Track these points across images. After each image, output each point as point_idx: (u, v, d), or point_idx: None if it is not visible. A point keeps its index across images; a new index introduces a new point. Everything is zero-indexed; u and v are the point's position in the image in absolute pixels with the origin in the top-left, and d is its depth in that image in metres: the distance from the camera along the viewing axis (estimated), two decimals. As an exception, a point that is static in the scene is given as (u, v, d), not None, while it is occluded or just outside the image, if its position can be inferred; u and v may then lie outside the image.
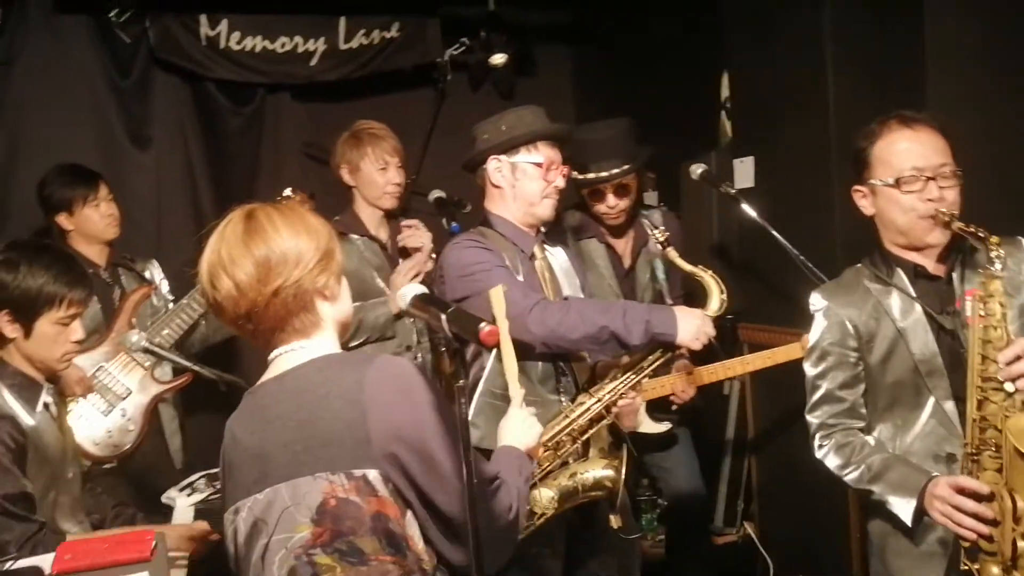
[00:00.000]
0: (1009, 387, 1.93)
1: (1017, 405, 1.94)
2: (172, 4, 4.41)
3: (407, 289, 1.81)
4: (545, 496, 2.57)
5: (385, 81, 4.87)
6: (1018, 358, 1.91)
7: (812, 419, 2.31)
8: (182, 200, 4.63)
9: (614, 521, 2.61)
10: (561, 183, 2.77)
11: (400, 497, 1.68)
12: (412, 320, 3.42)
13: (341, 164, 3.55)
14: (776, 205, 3.36)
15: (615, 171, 3.33)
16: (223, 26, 4.49)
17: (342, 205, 3.62)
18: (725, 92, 4.20)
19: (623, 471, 2.60)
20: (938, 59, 3.43)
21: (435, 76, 4.94)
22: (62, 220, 3.48)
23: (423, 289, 1.82)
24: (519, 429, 1.99)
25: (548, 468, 2.60)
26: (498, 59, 4.93)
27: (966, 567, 2.01)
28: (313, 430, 1.68)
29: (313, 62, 4.70)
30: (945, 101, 3.27)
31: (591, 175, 3.34)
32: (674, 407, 3.41)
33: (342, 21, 4.71)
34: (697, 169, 3.42)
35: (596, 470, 2.62)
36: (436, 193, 3.64)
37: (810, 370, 2.31)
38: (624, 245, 3.50)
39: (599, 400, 2.60)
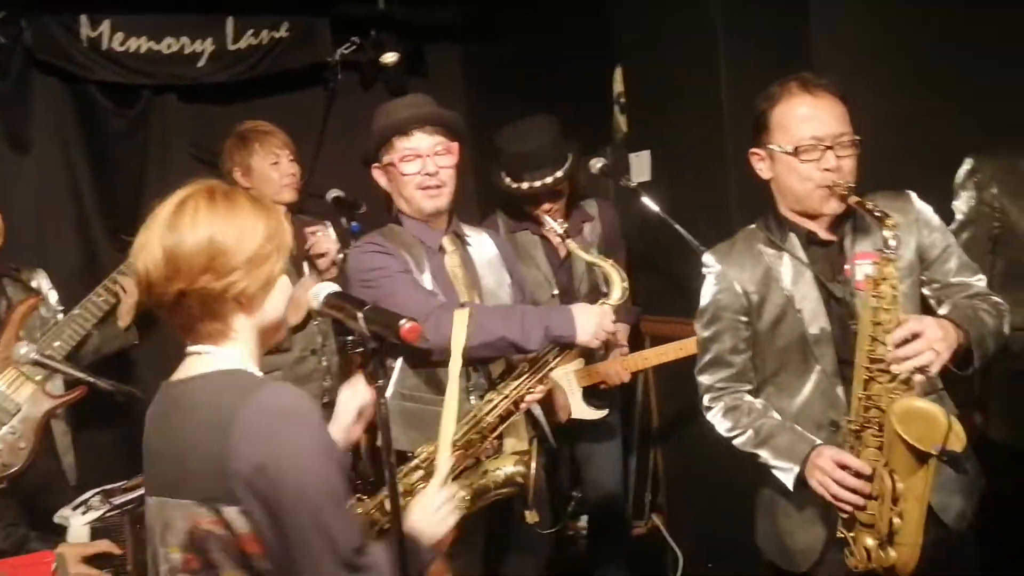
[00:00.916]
0: (896, 369, 1.97)
1: (902, 388, 1.99)
2: (50, 4, 4.22)
3: (319, 288, 1.74)
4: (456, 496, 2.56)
5: (275, 82, 4.75)
6: (906, 341, 1.94)
7: (702, 379, 2.35)
8: (65, 206, 4.42)
9: (529, 517, 2.60)
10: (432, 168, 2.64)
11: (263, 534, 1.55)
12: (317, 323, 3.35)
13: (232, 168, 3.47)
14: (674, 198, 3.41)
15: (548, 180, 3.36)
16: (105, 27, 4.32)
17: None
18: (618, 87, 4.24)
19: (532, 466, 2.58)
20: (824, 53, 3.55)
21: (326, 76, 4.86)
22: (-60, 231, 3.28)
23: (336, 287, 1.76)
24: (429, 519, 1.81)
25: (460, 467, 2.58)
26: (389, 58, 4.88)
27: (842, 535, 2.08)
28: (185, 456, 1.57)
29: (201, 63, 4.55)
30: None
31: (525, 185, 3.38)
32: (603, 386, 3.44)
33: (230, 21, 4.58)
34: (597, 163, 3.45)
35: (507, 467, 2.60)
36: (334, 192, 3.58)
37: (701, 331, 2.33)
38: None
39: (506, 397, 2.58)
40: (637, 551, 3.98)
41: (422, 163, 2.64)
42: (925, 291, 2.23)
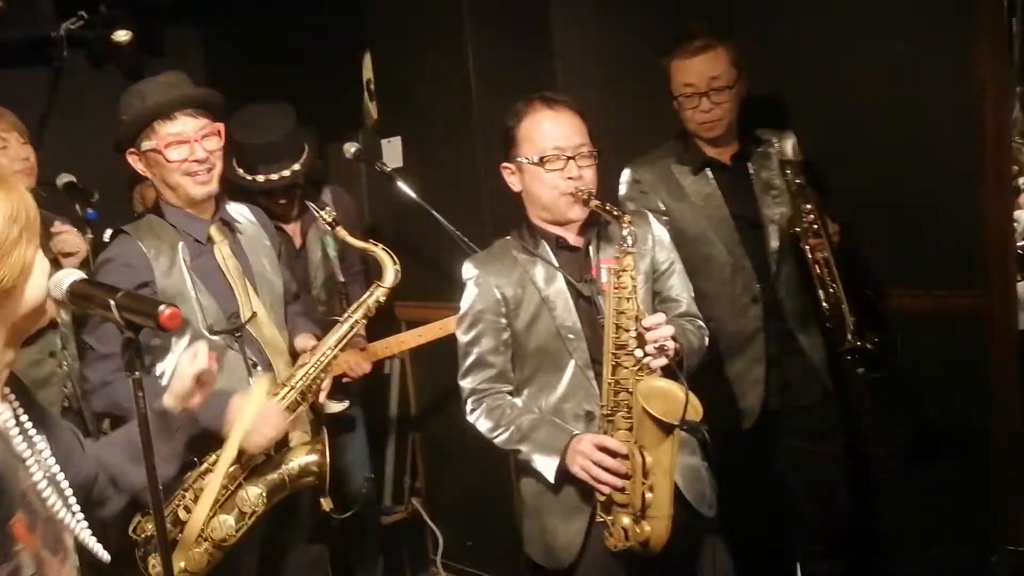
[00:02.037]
0: (639, 353, 2.12)
1: (644, 371, 2.13)
2: None
3: (62, 275, 1.49)
4: (252, 494, 2.45)
5: (-9, 57, 4.32)
6: (650, 328, 2.10)
7: (464, 384, 2.39)
8: None
9: (325, 504, 2.56)
10: (201, 153, 2.45)
11: None
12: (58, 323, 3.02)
13: None
14: (426, 184, 3.41)
15: (285, 173, 3.24)
16: None
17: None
18: (368, 73, 4.19)
19: (327, 453, 2.54)
20: (564, 46, 3.68)
21: (49, 53, 4.46)
22: None
23: (81, 274, 1.52)
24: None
25: (252, 464, 2.47)
26: (121, 36, 4.54)
27: (601, 519, 2.20)
28: None
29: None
30: (574, 81, 3.51)
31: (260, 178, 3.24)
32: (345, 379, 3.33)
33: (-69, -13, 4.10)
34: (351, 148, 3.38)
35: (300, 457, 2.54)
36: (65, 178, 3.31)
37: (462, 336, 2.38)
38: (293, 226, 3.39)
39: (292, 388, 2.50)
40: (398, 535, 3.98)
41: (190, 148, 2.44)
42: None
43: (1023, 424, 2.85)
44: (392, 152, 3.81)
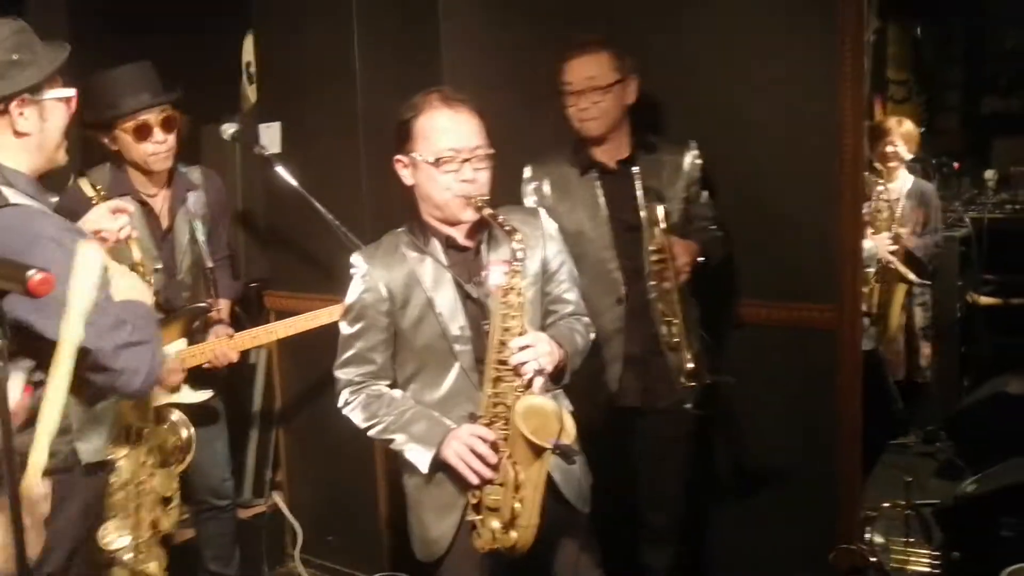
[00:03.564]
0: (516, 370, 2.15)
1: (524, 387, 2.15)
2: None
3: None
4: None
5: None
6: (526, 347, 2.14)
7: (341, 375, 2.37)
8: None
9: None
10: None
11: None
12: None
13: None
14: (305, 171, 3.32)
15: (161, 98, 3.06)
16: None
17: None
18: (249, 55, 4.10)
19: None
20: (451, 41, 3.71)
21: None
22: None
23: None
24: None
25: None
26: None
27: (471, 518, 2.22)
28: None
29: None
30: (461, 76, 3.54)
31: (130, 106, 3.01)
32: (208, 366, 3.21)
33: None
34: (229, 129, 3.28)
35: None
36: None
37: (345, 328, 2.36)
38: (161, 204, 3.20)
39: None
40: (257, 529, 3.91)
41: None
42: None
43: (862, 431, 3.04)
44: (270, 137, 3.72)
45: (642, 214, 2.80)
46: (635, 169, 2.82)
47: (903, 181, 4.75)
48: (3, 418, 1.37)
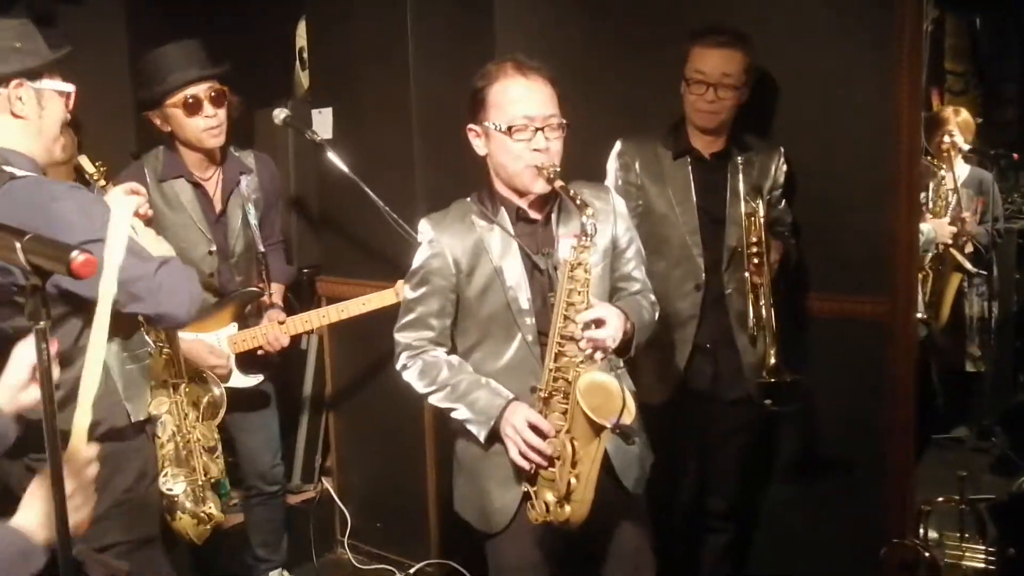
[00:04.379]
0: (581, 346, 2.12)
1: (587, 363, 2.14)
2: None
3: None
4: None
5: None
6: (590, 324, 2.11)
7: (400, 338, 2.36)
8: None
9: None
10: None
11: None
12: None
13: None
14: (356, 157, 3.34)
15: (209, 71, 3.06)
16: None
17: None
18: (301, 41, 4.12)
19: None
20: (506, 23, 3.69)
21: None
22: None
23: None
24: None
25: None
26: (39, -20, 4.36)
27: (526, 489, 2.22)
28: None
29: None
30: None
31: (178, 81, 3.02)
32: (261, 352, 3.24)
33: None
34: (280, 114, 3.29)
35: None
36: None
37: (409, 292, 2.36)
38: (214, 186, 3.21)
39: None
40: (306, 515, 3.93)
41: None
42: None
43: (915, 425, 2.99)
44: (323, 123, 3.72)
45: (741, 206, 2.82)
46: (739, 159, 2.84)
47: (960, 170, 4.66)
48: (46, 393, 1.39)
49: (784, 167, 2.97)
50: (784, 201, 3.02)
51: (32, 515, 1.51)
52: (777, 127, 3.06)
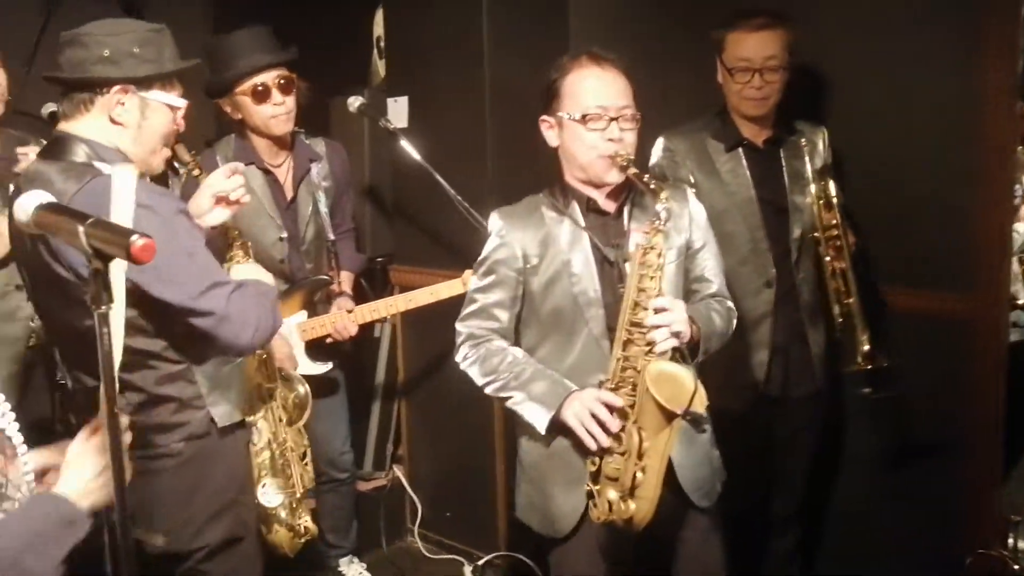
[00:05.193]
0: (651, 335, 2.07)
1: (656, 352, 2.08)
2: None
3: (27, 199, 1.45)
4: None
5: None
6: (663, 310, 2.06)
7: (462, 328, 2.34)
8: None
9: None
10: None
11: None
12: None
13: None
14: (430, 146, 3.34)
15: (277, 57, 3.05)
16: None
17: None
18: (379, 30, 4.13)
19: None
20: (581, 13, 3.64)
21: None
22: None
23: (49, 196, 1.48)
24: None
25: None
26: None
27: (588, 488, 2.15)
28: None
29: None
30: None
31: (246, 67, 3.02)
32: (330, 340, 3.25)
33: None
34: (355, 102, 3.30)
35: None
36: (50, 107, 3.22)
37: (474, 282, 2.34)
38: (285, 173, 3.22)
39: None
40: (377, 502, 3.95)
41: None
42: None
43: (1002, 431, 2.85)
44: (398, 112, 3.73)
45: (805, 191, 2.75)
46: (802, 142, 2.76)
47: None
48: (106, 376, 1.40)
49: (827, 143, 2.86)
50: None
51: (74, 483, 1.55)
52: (855, 110, 2.93)
